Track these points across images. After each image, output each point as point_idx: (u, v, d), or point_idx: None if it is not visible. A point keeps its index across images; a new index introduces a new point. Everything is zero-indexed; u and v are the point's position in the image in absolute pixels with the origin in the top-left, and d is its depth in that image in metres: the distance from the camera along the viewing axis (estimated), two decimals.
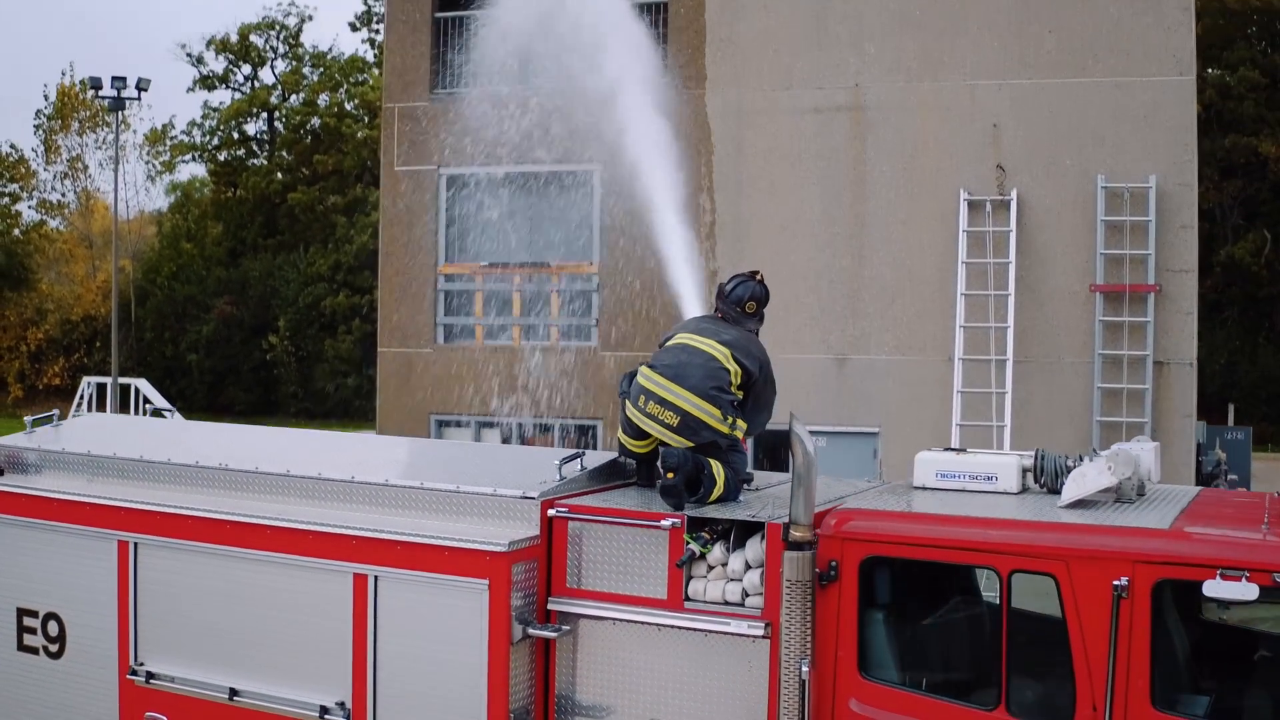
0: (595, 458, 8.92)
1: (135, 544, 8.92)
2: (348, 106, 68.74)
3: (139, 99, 41.92)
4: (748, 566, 7.77)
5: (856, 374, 19.67)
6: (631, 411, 8.68)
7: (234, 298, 60.86)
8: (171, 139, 65.66)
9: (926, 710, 7.22)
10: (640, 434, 8.74)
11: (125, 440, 9.82)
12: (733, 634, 7.66)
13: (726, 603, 7.76)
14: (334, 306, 58.67)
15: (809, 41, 19.93)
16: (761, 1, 20.20)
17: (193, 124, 68.93)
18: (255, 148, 70.72)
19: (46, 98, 57.64)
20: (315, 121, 68.11)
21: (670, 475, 8.14)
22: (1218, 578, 6.44)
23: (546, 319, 21.44)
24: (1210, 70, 48.66)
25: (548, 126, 21.23)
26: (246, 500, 8.93)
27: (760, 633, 7.58)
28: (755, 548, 7.75)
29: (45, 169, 59.40)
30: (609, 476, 8.90)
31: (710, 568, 7.88)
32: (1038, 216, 18.51)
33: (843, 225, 19.67)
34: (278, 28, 70.74)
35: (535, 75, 21.99)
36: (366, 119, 65.19)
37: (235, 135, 70.14)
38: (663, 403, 8.47)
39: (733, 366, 8.55)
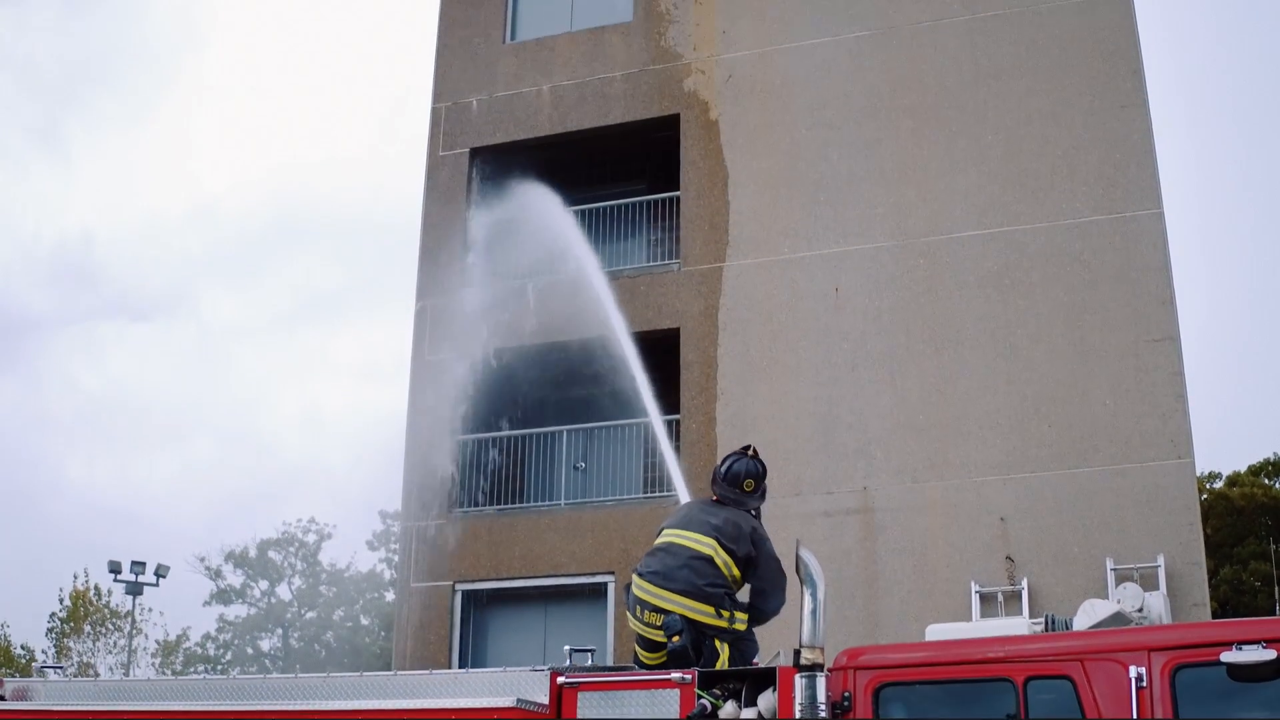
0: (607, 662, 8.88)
1: None
2: (364, 621, 69.09)
3: (157, 585, 42.39)
4: (760, 719, 7.63)
5: None
6: (633, 623, 8.72)
7: None
8: (185, 648, 65.70)
9: None
10: (651, 645, 8.74)
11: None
12: None
13: None
14: None
15: (816, 450, 20.55)
16: (768, 414, 20.99)
17: (206, 637, 69.13)
18: (268, 663, 70.54)
19: (61, 601, 58.50)
20: (330, 635, 68.33)
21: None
22: (1234, 648, 6.39)
23: None
24: (1222, 569, 49.24)
25: (563, 541, 21.69)
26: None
27: None
28: (768, 699, 7.64)
29: (55, 673, 59.27)
30: None
31: None
32: (1050, 603, 18.45)
33: (856, 625, 19.61)
34: (296, 544, 72.04)
35: (551, 494, 22.76)
36: (383, 634, 65.35)
37: (249, 650, 70.18)
38: (657, 610, 8.51)
39: (722, 557, 8.55)
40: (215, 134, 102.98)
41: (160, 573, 41.78)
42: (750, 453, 9.13)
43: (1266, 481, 53.48)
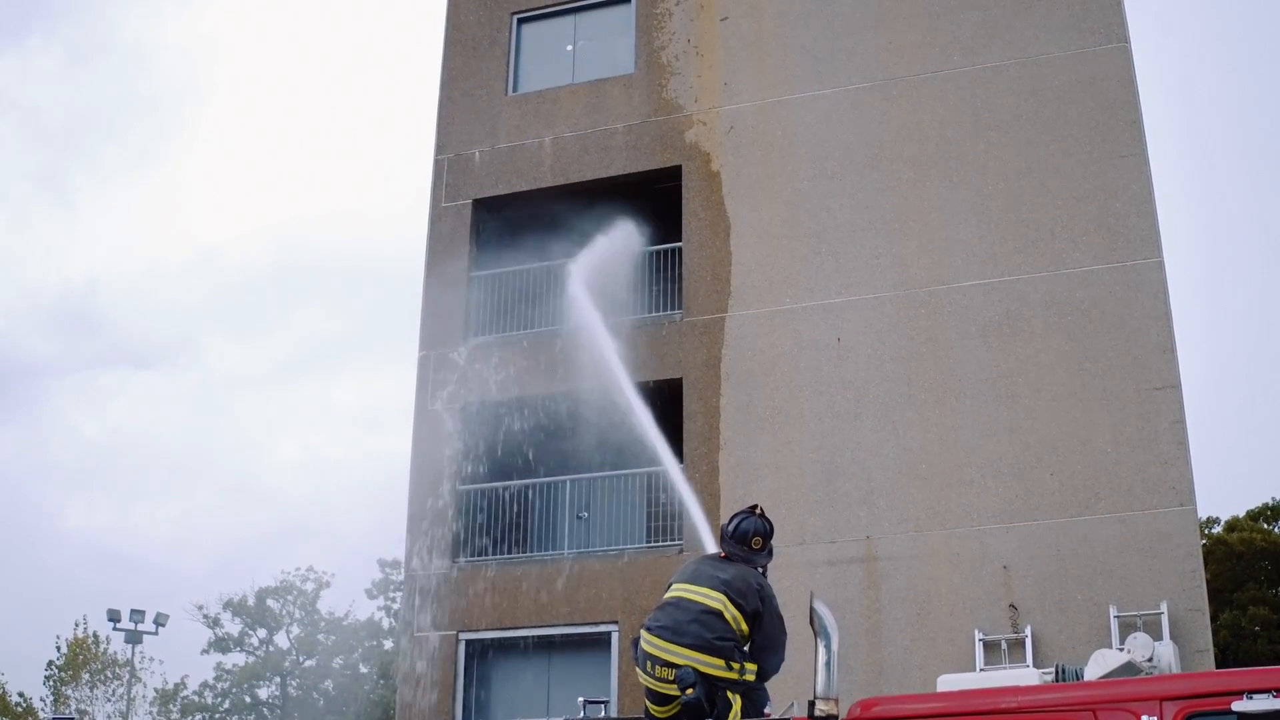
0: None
1: None
2: (363, 669, 68.83)
3: (156, 633, 42.28)
4: None
5: None
6: (643, 678, 8.78)
7: None
8: (183, 697, 65.43)
9: None
10: (661, 699, 8.79)
11: None
12: None
13: None
14: None
15: (819, 499, 20.60)
16: (771, 463, 21.05)
17: (204, 685, 68.83)
18: (266, 712, 70.23)
19: (59, 649, 58.30)
20: (329, 684, 68.09)
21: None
22: (1245, 697, 6.46)
23: None
24: (1222, 614, 49.24)
25: (566, 590, 21.72)
26: None
27: None
28: None
29: None
30: None
31: None
32: (1053, 651, 18.53)
33: (860, 674, 19.61)
34: (294, 593, 71.81)
35: (554, 544, 22.80)
36: (381, 682, 65.07)
37: (247, 699, 69.87)
38: (667, 665, 8.56)
39: (731, 611, 8.61)
40: (218, 183, 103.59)
41: (160, 621, 41.60)
42: (758, 511, 9.20)
43: (1265, 526, 53.50)
